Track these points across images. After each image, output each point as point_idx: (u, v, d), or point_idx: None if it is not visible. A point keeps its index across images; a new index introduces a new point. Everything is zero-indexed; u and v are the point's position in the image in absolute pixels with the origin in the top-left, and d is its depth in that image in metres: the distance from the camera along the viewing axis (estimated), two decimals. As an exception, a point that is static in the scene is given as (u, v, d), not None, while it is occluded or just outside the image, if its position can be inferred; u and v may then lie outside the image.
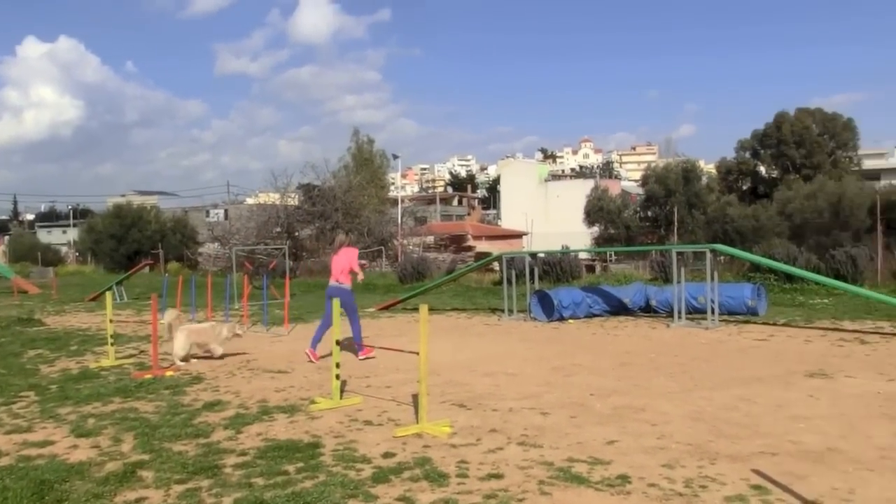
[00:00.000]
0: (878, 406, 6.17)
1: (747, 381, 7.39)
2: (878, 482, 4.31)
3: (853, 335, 10.31)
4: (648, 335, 11.09)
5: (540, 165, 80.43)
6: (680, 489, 4.25)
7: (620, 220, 35.07)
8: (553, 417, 6.03)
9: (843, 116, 42.81)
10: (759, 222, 24.07)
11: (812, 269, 15.66)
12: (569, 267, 20.94)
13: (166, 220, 43.92)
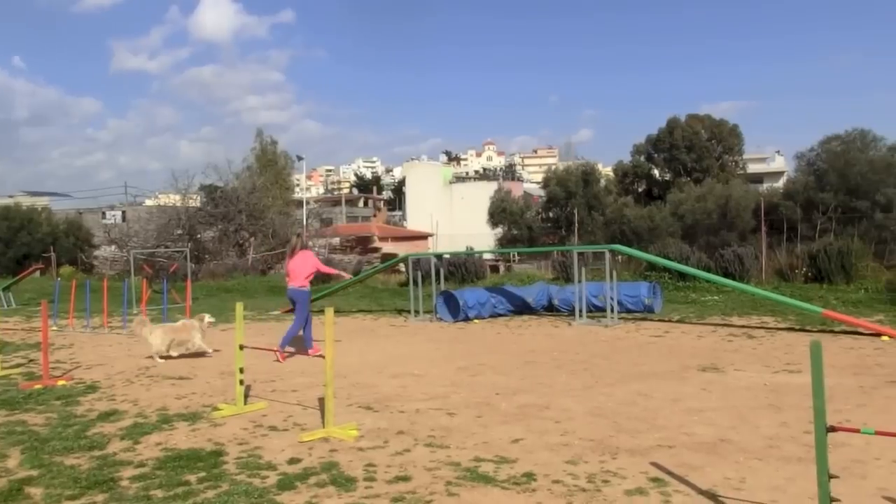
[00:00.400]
0: (764, 397, 6.51)
1: (645, 376, 7.66)
2: (766, 471, 4.55)
3: (741, 330, 10.87)
4: (551, 334, 11.34)
5: (444, 167, 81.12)
6: (583, 485, 4.35)
7: (523, 222, 35.69)
8: (459, 418, 6.07)
9: (729, 123, 44.97)
10: (654, 223, 24.99)
11: (703, 267, 16.40)
12: (473, 268, 21.17)
13: (59, 221, 41.61)
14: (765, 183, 45.89)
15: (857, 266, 15.77)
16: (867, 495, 4.07)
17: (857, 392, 6.61)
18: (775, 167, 67.03)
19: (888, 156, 21.71)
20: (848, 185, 20.86)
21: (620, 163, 46.40)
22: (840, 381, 7.05)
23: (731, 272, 16.36)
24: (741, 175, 40.99)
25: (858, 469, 4.50)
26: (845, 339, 9.77)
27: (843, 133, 23.38)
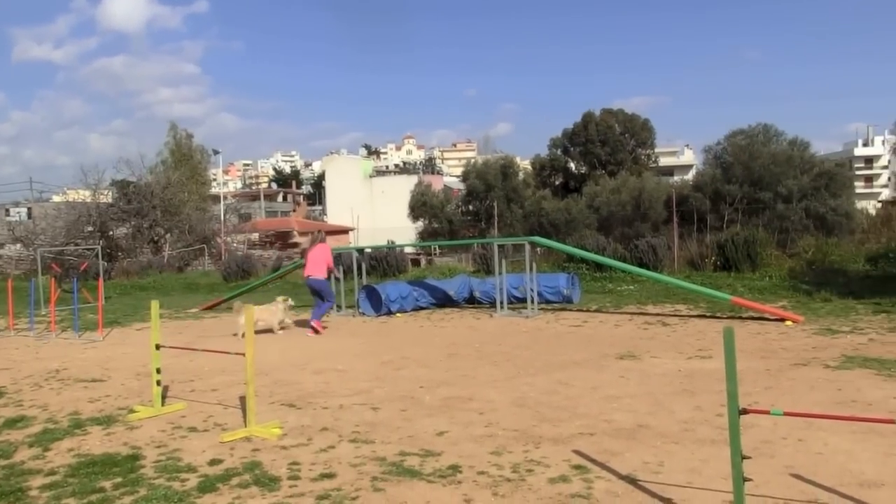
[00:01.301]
0: (679, 383, 6.74)
1: (565, 365, 7.82)
2: (682, 454, 4.71)
3: (656, 318, 11.22)
4: (473, 326, 11.43)
5: (364, 161, 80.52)
6: (508, 475, 4.41)
7: (444, 215, 35.83)
8: (384, 412, 6.05)
9: (641, 117, 46.44)
10: (571, 215, 25.54)
11: (619, 258, 16.85)
12: (395, 261, 21.14)
13: (-42, 219, 39.33)
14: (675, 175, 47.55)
15: (761, 255, 16.51)
16: (775, 473, 4.27)
17: (764, 375, 6.92)
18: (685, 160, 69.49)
19: (788, 149, 22.81)
20: (752, 178, 21.81)
21: (538, 156, 47.21)
22: (749, 364, 7.37)
23: (645, 262, 16.87)
24: (653, 168, 42.36)
25: (767, 449, 4.71)
26: (752, 324, 10.21)
27: (748, 127, 24.43)
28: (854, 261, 16.41)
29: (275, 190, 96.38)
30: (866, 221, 22.41)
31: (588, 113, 45.56)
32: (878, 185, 75.43)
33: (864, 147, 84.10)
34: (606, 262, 14.59)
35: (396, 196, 46.24)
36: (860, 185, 59.95)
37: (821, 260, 16.45)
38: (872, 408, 5.62)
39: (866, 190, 65.65)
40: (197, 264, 30.41)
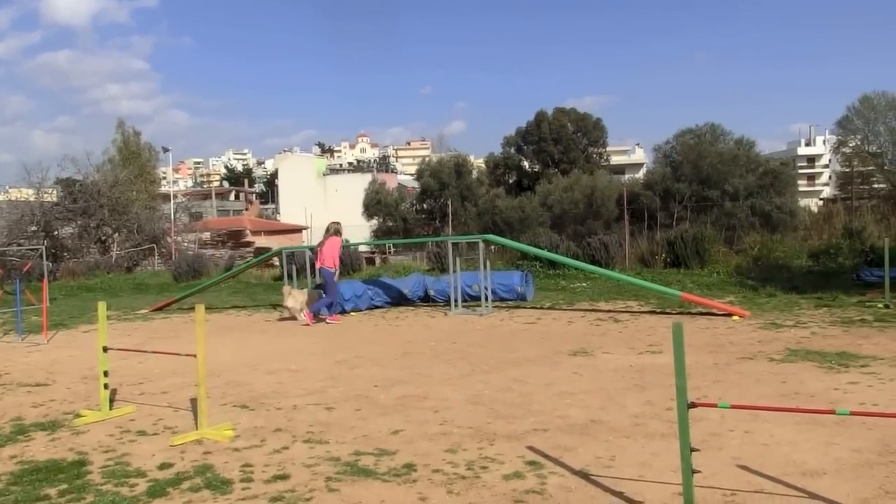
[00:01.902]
0: (630, 378, 6.85)
1: (519, 362, 7.88)
2: (633, 448, 4.79)
3: (608, 314, 11.38)
4: (428, 324, 11.44)
5: (318, 160, 79.94)
6: (463, 472, 4.42)
7: (398, 213, 35.79)
8: (338, 412, 6.02)
9: (593, 116, 47.07)
10: (525, 213, 25.74)
11: (572, 255, 17.01)
12: (349, 260, 20.99)
13: None
14: (627, 174, 48.25)
15: (709, 251, 16.86)
16: (723, 465, 4.37)
17: (712, 369, 7.08)
18: (636, 159, 70.58)
19: (735, 149, 23.36)
20: (701, 176, 22.29)
21: (492, 154, 47.47)
22: (697, 359, 7.53)
23: (597, 259, 17.07)
24: (605, 166, 42.93)
25: (715, 441, 4.82)
26: (701, 319, 10.43)
27: (696, 127, 24.94)
28: (797, 257, 16.87)
29: (227, 188, 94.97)
30: (809, 219, 23.10)
31: (541, 112, 45.99)
32: (820, 184, 77.70)
33: (807, 146, 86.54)
34: (559, 259, 14.74)
35: (350, 194, 46.01)
36: (803, 183, 61.70)
37: (766, 256, 16.88)
38: (815, 399, 5.79)
39: (809, 188, 67.60)
40: (146, 264, 29.81)
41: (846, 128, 42.76)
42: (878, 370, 6.69)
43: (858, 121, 41.73)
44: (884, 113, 40.78)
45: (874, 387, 6.11)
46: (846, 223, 19.28)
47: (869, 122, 41.28)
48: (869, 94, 41.49)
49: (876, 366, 6.87)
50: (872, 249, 12.78)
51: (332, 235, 12.48)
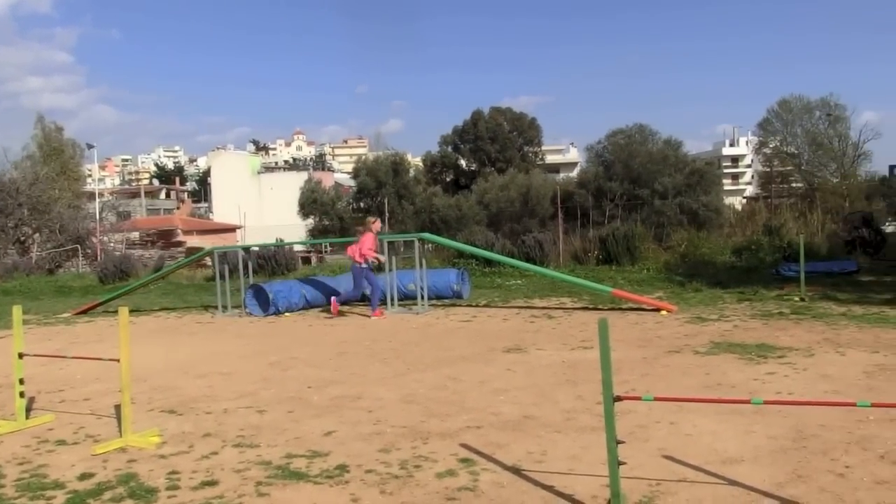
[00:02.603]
0: (563, 374, 6.97)
1: (454, 360, 7.92)
2: (564, 442, 4.88)
3: (542, 311, 11.54)
4: (364, 324, 11.39)
5: (252, 157, 78.66)
6: (396, 472, 4.42)
7: (334, 212, 35.44)
8: (270, 414, 5.94)
9: (528, 116, 47.66)
10: (462, 212, 25.86)
11: (507, 253, 17.20)
12: (284, 259, 20.77)
13: None
14: (561, 173, 49.01)
15: (640, 248, 17.29)
16: (649, 456, 4.49)
17: (641, 363, 7.26)
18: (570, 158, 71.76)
19: (664, 149, 23.97)
20: (631, 175, 22.80)
21: (429, 153, 47.52)
22: (627, 353, 7.71)
23: (532, 257, 17.30)
24: (540, 165, 43.49)
25: (642, 433, 4.94)
26: (632, 315, 10.68)
27: (626, 128, 25.51)
28: (721, 253, 17.46)
29: (157, 187, 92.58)
30: (733, 216, 23.90)
31: (477, 111, 46.27)
32: (744, 183, 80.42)
33: (731, 147, 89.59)
34: (495, 257, 14.87)
35: (286, 193, 45.39)
36: (728, 182, 63.78)
37: (692, 253, 17.40)
38: (736, 389, 6.00)
39: (733, 187, 69.91)
40: (70, 266, 28.79)
41: (766, 129, 44.50)
42: (793, 360, 6.98)
43: (777, 123, 43.47)
44: (800, 116, 42.60)
45: (790, 376, 6.38)
46: (766, 220, 20.04)
47: (787, 125, 43.05)
48: (787, 98, 43.29)
49: (792, 356, 7.16)
50: (790, 245, 13.32)
51: (365, 232, 12.56)
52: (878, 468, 4.10)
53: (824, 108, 42.29)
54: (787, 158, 44.04)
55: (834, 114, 41.92)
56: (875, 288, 12.21)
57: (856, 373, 6.42)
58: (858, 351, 7.31)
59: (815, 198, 31.26)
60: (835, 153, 42.18)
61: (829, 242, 18.02)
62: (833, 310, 10.07)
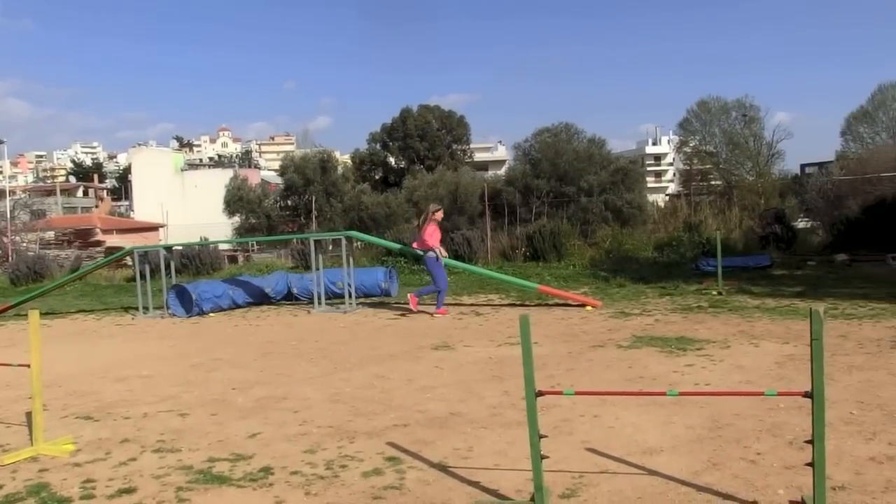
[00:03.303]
0: (490, 370, 7.03)
1: (382, 358, 7.90)
2: (490, 437, 4.92)
3: (470, 308, 11.62)
4: (291, 323, 11.25)
5: (175, 154, 76.57)
6: (321, 472, 4.38)
7: (261, 210, 34.78)
8: (192, 418, 5.80)
9: (457, 114, 47.90)
10: (391, 209, 25.77)
11: (436, 251, 17.21)
12: (209, 259, 20.32)
13: None
14: (490, 170, 49.34)
15: (566, 245, 17.59)
16: (573, 449, 4.58)
17: (566, 358, 7.39)
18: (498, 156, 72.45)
19: (589, 147, 24.43)
20: (558, 173, 23.13)
21: (357, 150, 47.25)
22: (553, 348, 7.84)
23: (461, 254, 17.40)
24: (469, 163, 43.74)
25: (567, 427, 5.03)
26: (557, 310, 10.86)
27: (553, 126, 25.90)
28: (644, 249, 17.93)
29: (73, 184, 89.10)
30: (656, 213, 24.58)
31: (406, 108, 46.22)
32: (666, 180, 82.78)
33: (654, 146, 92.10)
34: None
35: (211, 191, 44.43)
36: (651, 180, 65.61)
37: (617, 249, 17.80)
38: (657, 382, 6.17)
39: (656, 184, 71.94)
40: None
41: (687, 129, 46.01)
42: (711, 352, 7.23)
43: (697, 123, 45.01)
44: (718, 116, 44.21)
45: (707, 368, 6.61)
46: (687, 217, 20.69)
47: (706, 125, 44.62)
48: (705, 99, 44.85)
49: (709, 348, 7.42)
50: (709, 241, 13.79)
51: (428, 222, 11.82)
52: (787, 453, 4.29)
53: (740, 109, 43.95)
54: (707, 157, 45.59)
55: (749, 114, 43.62)
56: (787, 281, 12.76)
57: (768, 363, 6.69)
58: (771, 342, 7.63)
59: (732, 195, 32.44)
60: (750, 152, 43.87)
61: (746, 238, 18.72)
62: (748, 303, 10.47)
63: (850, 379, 5.95)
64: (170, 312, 12.79)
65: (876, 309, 9.29)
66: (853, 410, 5.09)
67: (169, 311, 12.82)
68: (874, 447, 4.34)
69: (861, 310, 9.32)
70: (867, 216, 17.28)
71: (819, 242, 18.64)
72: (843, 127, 45.13)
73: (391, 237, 18.41)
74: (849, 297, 10.42)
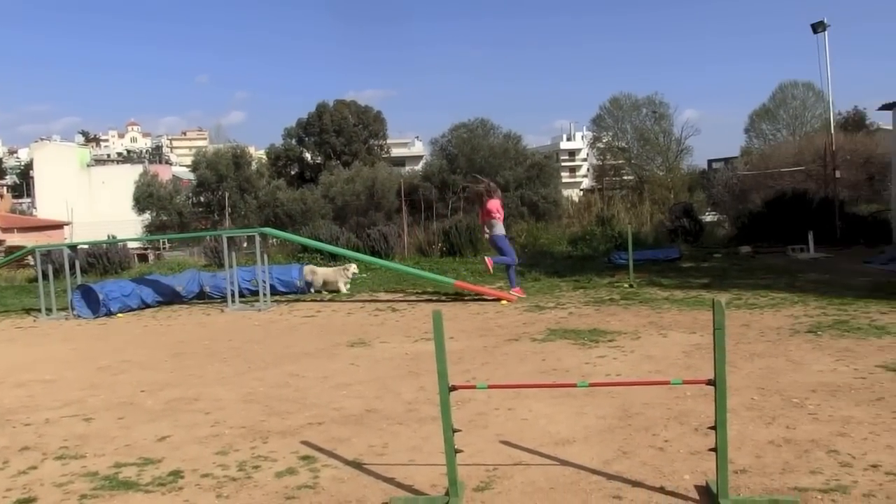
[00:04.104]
0: (406, 366, 7.05)
1: (297, 356, 7.80)
2: (405, 433, 4.94)
3: (386, 304, 11.61)
4: (203, 322, 10.98)
5: (81, 149, 73.35)
6: (234, 474, 4.30)
7: (173, 207, 33.84)
8: (98, 422, 5.59)
9: (373, 109, 47.69)
10: (307, 205, 25.49)
11: (352, 247, 17.15)
12: (118, 257, 19.60)
13: None
14: (407, 166, 49.41)
15: (482, 240, 17.76)
16: (488, 442, 4.64)
17: (482, 352, 7.48)
18: (416, 151, 72.53)
19: (505, 142, 24.78)
20: (474, 168, 23.41)
21: (273, 146, 46.47)
22: (469, 343, 7.92)
23: (377, 250, 17.36)
24: (386, 158, 43.67)
25: (482, 420, 5.10)
26: (473, 305, 10.97)
27: (469, 122, 26.15)
28: (559, 243, 18.32)
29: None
30: (571, 208, 25.15)
31: (322, 103, 45.73)
32: (580, 176, 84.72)
33: (568, 142, 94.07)
34: (339, 251, 14.79)
35: (120, 187, 42.84)
36: (566, 175, 67.08)
37: (532, 243, 18.13)
38: (570, 373, 6.32)
39: (571, 179, 73.57)
40: None
41: (600, 125, 47.25)
42: (622, 344, 7.45)
43: (609, 119, 46.28)
44: (629, 113, 45.58)
45: (618, 359, 6.81)
46: (600, 212, 21.25)
47: (618, 121, 45.93)
48: (617, 96, 46.16)
49: (621, 340, 7.65)
50: (621, 235, 14.18)
51: (490, 198, 11.83)
52: (693, 440, 4.46)
53: (650, 106, 45.42)
54: (619, 152, 46.90)
55: (658, 111, 45.12)
56: (694, 273, 13.26)
57: (676, 353, 6.95)
58: (679, 332, 7.92)
59: (644, 189, 33.56)
60: (660, 148, 45.39)
61: (656, 231, 19.38)
62: (658, 294, 10.83)
63: (751, 366, 6.23)
64: (75, 314, 12.27)
65: (776, 299, 9.76)
66: (754, 396, 5.33)
67: (74, 313, 12.30)
68: (773, 431, 4.57)
69: (763, 300, 9.77)
70: (769, 209, 18.17)
71: (725, 235, 19.48)
72: (747, 124, 47.34)
73: (307, 234, 18.20)
74: (752, 287, 10.91)
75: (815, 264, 13.61)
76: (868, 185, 22.23)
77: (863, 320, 7.92)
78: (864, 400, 5.11)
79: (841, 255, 14.72)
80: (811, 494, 3.60)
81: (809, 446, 4.26)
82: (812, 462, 4.02)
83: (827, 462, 4.01)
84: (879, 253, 13.99)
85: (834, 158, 18.12)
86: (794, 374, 5.93)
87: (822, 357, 6.43)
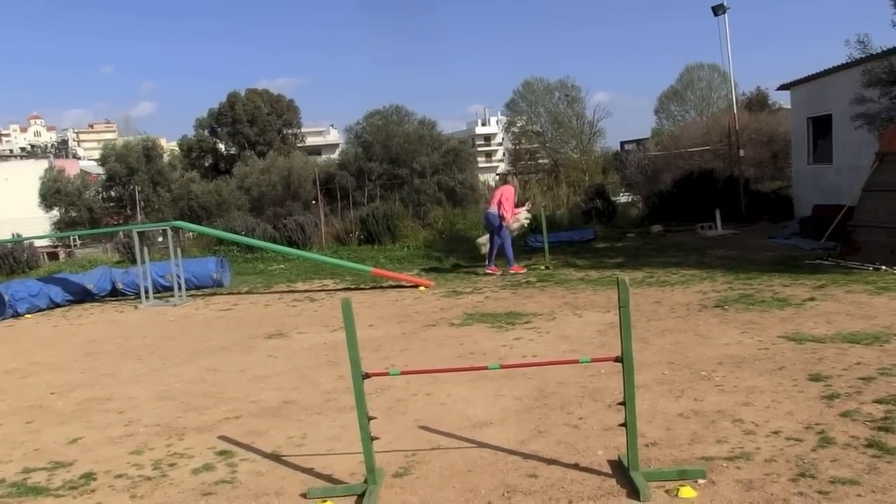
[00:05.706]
0: (324, 356, 7.05)
1: (214, 351, 7.70)
2: (324, 423, 4.97)
3: (305, 295, 11.52)
4: (116, 320, 10.66)
5: (-24, 143, 69.44)
6: (148, 473, 4.25)
7: (82, 202, 32.44)
8: (5, 427, 5.41)
9: (286, 98, 46.84)
10: (222, 197, 24.85)
11: (269, 238, 16.88)
12: (24, 257, 18.77)
13: None
14: (323, 154, 48.84)
15: (399, 227, 17.83)
16: (406, 428, 4.72)
17: (400, 338, 7.54)
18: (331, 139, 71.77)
19: (420, 129, 24.76)
20: (390, 155, 23.30)
21: (185, 137, 45.06)
22: (388, 330, 7.97)
23: (294, 240, 17.16)
24: (301, 147, 43.03)
25: (401, 406, 5.18)
26: (392, 292, 11.01)
27: (383, 108, 26.00)
28: (476, 228, 18.48)
29: None
30: (487, 192, 25.36)
31: (233, 93, 44.59)
32: (496, 160, 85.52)
33: (483, 126, 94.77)
34: (254, 243, 14.59)
35: (23, 184, 40.76)
36: (482, 160, 67.58)
37: (449, 229, 18.26)
38: (487, 356, 6.44)
39: (487, 164, 74.15)
40: None
41: (514, 110, 47.77)
42: (538, 325, 7.65)
43: (523, 103, 46.87)
44: (542, 97, 46.27)
45: (534, 340, 6.99)
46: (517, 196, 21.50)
47: (531, 105, 46.58)
48: (530, 80, 46.74)
49: (537, 321, 7.85)
50: (536, 218, 14.43)
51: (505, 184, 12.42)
52: (606, 416, 4.65)
53: (562, 90, 46.10)
54: (534, 136, 47.52)
55: (571, 94, 45.87)
56: (608, 253, 13.66)
57: (591, 332, 7.18)
58: (594, 312, 8.18)
59: (559, 172, 34.18)
60: (574, 131, 46.21)
61: (571, 213, 19.81)
62: (573, 275, 11.11)
63: (662, 342, 6.51)
64: (-25, 317, 11.69)
65: (686, 276, 10.16)
66: (665, 371, 5.58)
67: (-26, 316, 11.71)
68: (682, 403, 4.81)
69: (673, 277, 10.16)
70: (678, 189, 18.80)
71: (637, 215, 20.05)
72: (657, 105, 48.69)
73: (222, 226, 17.83)
74: (663, 265, 11.32)
75: (723, 241, 14.20)
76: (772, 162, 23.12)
77: (766, 293, 8.35)
78: (766, 370, 5.42)
79: (746, 232, 15.36)
80: (717, 463, 3.81)
81: (716, 417, 4.50)
82: (718, 432, 4.25)
83: (732, 431, 4.24)
84: (782, 228, 14.68)
85: (738, 138, 18.85)
86: (702, 347, 6.22)
87: (728, 330, 6.76)
